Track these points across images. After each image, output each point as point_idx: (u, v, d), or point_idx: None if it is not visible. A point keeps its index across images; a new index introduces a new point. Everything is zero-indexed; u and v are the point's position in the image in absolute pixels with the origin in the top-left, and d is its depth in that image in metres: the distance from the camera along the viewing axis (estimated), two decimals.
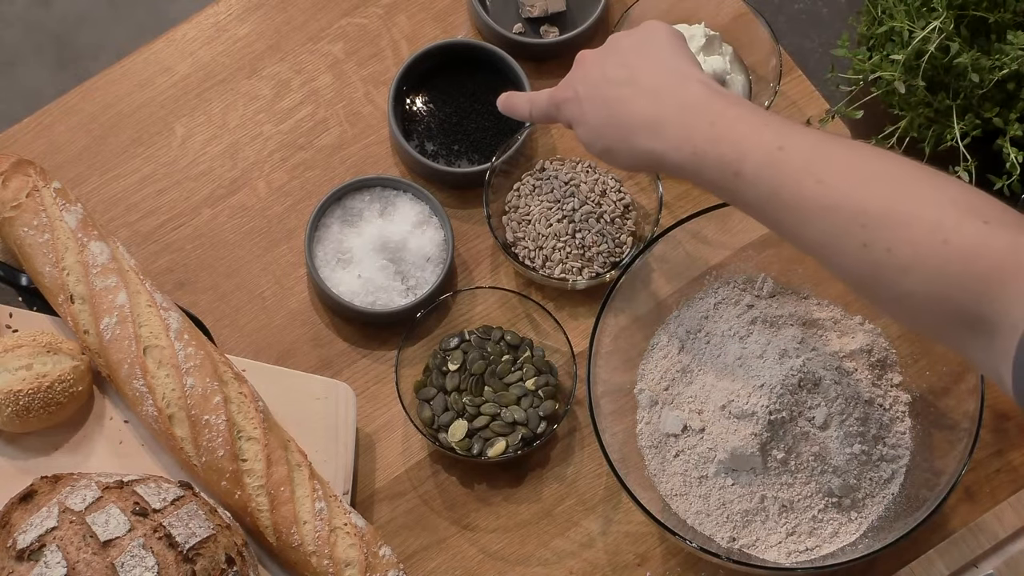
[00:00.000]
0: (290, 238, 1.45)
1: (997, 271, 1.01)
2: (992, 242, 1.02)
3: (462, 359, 1.38)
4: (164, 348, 1.30)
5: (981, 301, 1.02)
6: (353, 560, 1.28)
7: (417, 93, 1.47)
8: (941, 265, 1.03)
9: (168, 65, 1.49)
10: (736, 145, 1.12)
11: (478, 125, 1.45)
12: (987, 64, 1.33)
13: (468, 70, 1.46)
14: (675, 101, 1.17)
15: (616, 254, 1.42)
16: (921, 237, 1.04)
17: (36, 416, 1.30)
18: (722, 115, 1.14)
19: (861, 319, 1.39)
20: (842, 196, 1.07)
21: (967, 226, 1.03)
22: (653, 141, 1.17)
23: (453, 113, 1.46)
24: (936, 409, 1.35)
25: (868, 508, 1.33)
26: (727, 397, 1.32)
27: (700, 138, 1.14)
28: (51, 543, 1.21)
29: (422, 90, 1.47)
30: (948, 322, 1.05)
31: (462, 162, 1.45)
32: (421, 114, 1.46)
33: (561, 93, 1.28)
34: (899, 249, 1.05)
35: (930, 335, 1.11)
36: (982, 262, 1.02)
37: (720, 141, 1.13)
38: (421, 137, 1.46)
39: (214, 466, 1.29)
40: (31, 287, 1.37)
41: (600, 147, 1.23)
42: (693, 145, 1.14)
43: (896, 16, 1.35)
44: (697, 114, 1.15)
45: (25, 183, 1.35)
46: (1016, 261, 1.01)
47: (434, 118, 1.46)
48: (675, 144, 1.16)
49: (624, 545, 1.37)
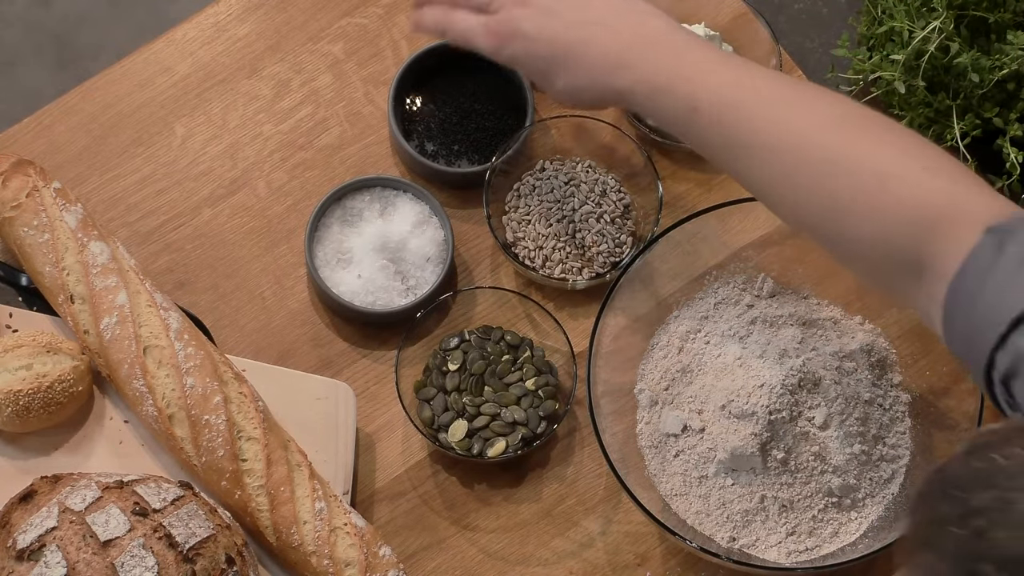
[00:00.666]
0: (290, 238, 1.45)
1: (934, 219, 1.05)
2: (932, 190, 1.06)
3: (462, 359, 1.38)
4: (164, 348, 1.30)
5: (920, 246, 1.06)
6: (353, 560, 1.28)
7: (417, 93, 1.47)
8: (882, 211, 1.07)
9: (168, 65, 1.49)
10: (694, 81, 1.15)
11: (478, 125, 1.45)
12: (987, 64, 1.33)
13: (468, 70, 1.46)
14: (636, 38, 1.18)
15: (616, 254, 1.42)
16: (864, 184, 1.08)
17: (36, 416, 1.30)
18: (682, 51, 1.17)
19: (861, 319, 1.39)
20: (793, 139, 1.11)
21: (909, 174, 1.07)
22: (617, 78, 1.19)
23: (453, 113, 1.46)
24: (936, 409, 1.35)
25: (868, 508, 1.33)
26: (727, 397, 1.32)
27: (662, 74, 1.17)
28: (51, 543, 1.21)
29: (422, 90, 1.47)
30: (889, 266, 1.09)
31: (462, 162, 1.45)
32: (421, 114, 1.46)
33: (504, 27, 1.25)
34: (842, 194, 1.09)
35: (873, 280, 1.16)
36: (922, 209, 1.06)
37: (679, 77, 1.16)
38: (421, 137, 1.46)
39: (214, 466, 1.29)
40: (31, 287, 1.37)
41: (561, 86, 1.23)
42: (654, 81, 1.17)
43: (896, 16, 1.34)
44: (658, 50, 1.18)
45: (25, 183, 1.34)
46: (952, 209, 1.05)
47: (434, 118, 1.46)
48: (638, 78, 1.18)
49: (624, 545, 1.37)
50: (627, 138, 1.43)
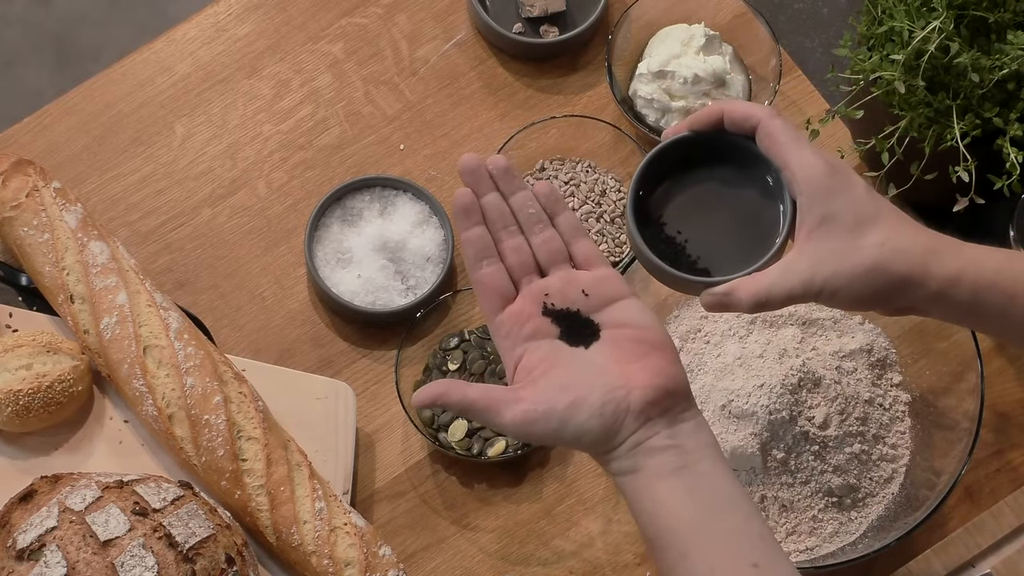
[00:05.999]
0: (290, 238, 1.45)
1: None
2: None
3: (462, 359, 1.38)
4: (164, 348, 1.30)
5: None
6: (353, 560, 1.28)
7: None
8: None
9: (168, 65, 1.49)
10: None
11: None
12: (987, 64, 1.32)
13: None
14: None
15: (616, 254, 1.42)
16: None
17: (36, 416, 1.30)
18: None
19: (861, 319, 1.38)
20: None
21: None
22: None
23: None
24: (936, 408, 1.34)
25: (868, 508, 1.33)
26: (727, 397, 1.32)
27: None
28: (51, 543, 1.21)
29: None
30: None
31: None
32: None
33: None
34: None
35: None
36: None
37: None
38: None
39: (214, 466, 1.28)
40: (31, 287, 1.37)
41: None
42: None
43: (896, 16, 1.34)
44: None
45: (25, 183, 1.34)
46: None
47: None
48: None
49: (624, 545, 1.37)
50: (627, 138, 1.43)
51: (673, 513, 1.03)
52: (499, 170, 1.10)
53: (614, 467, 1.05)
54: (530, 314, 1.08)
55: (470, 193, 1.10)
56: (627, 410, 1.04)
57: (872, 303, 1.09)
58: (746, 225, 1.13)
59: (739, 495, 1.04)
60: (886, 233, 1.07)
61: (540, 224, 1.11)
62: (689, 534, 1.02)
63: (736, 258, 1.11)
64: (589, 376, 1.05)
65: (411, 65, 1.50)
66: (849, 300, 1.07)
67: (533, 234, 1.11)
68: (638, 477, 1.04)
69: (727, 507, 1.03)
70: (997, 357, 1.41)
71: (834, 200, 1.07)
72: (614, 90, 1.45)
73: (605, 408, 1.04)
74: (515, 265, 1.10)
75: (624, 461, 1.04)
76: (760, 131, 1.10)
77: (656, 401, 1.04)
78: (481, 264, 1.09)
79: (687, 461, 1.03)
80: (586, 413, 1.04)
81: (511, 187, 1.11)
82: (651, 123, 1.45)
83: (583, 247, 1.11)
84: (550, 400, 1.04)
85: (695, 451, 1.04)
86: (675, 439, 1.04)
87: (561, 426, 1.04)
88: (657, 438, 1.04)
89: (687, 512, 1.02)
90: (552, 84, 1.50)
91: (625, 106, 1.45)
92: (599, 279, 1.09)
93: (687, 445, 1.04)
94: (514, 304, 1.09)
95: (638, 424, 1.04)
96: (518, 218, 1.11)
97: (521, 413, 1.04)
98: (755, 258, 1.10)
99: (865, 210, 1.07)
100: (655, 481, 1.03)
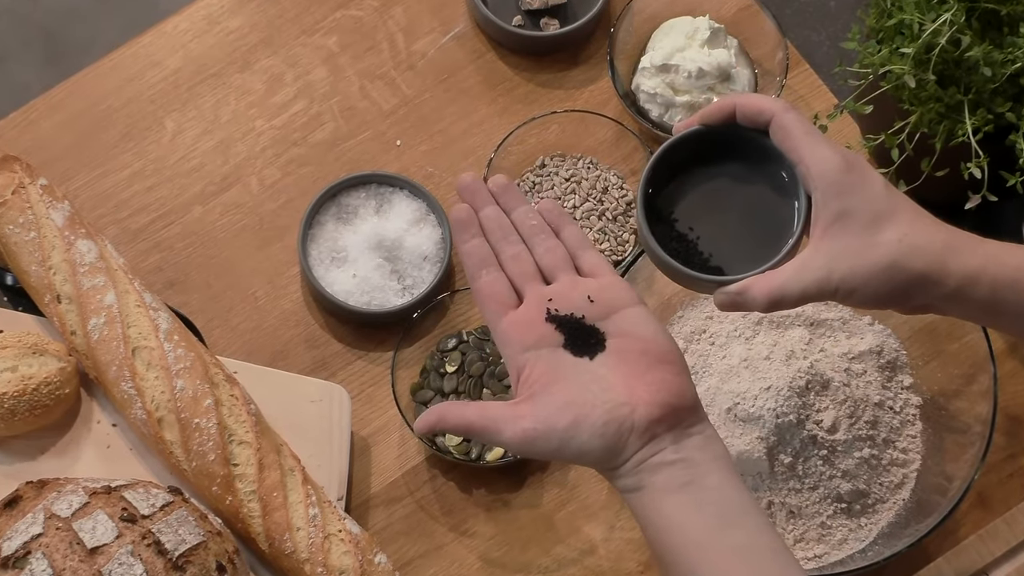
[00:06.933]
0: (283, 236, 1.44)
1: None
2: None
3: (460, 360, 1.37)
4: (153, 349, 1.30)
5: None
6: (348, 568, 1.27)
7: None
8: None
9: (158, 59, 1.49)
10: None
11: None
12: (999, 58, 1.33)
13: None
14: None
15: (618, 252, 1.41)
16: None
17: (22, 419, 1.30)
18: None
19: (870, 319, 1.38)
20: None
21: None
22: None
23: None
24: (947, 412, 1.34)
25: (878, 514, 1.32)
26: (732, 400, 1.32)
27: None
28: (36, 550, 1.20)
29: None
30: None
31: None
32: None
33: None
34: None
35: None
36: None
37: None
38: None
39: (204, 471, 1.28)
40: (16, 286, 1.37)
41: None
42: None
43: (906, 8, 1.35)
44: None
45: (11, 180, 1.34)
46: None
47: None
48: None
49: (627, 552, 1.36)
50: (629, 133, 1.42)
51: (681, 530, 1.01)
52: (499, 187, 1.10)
53: (620, 484, 1.04)
54: (533, 321, 1.06)
55: (468, 208, 1.09)
56: (631, 429, 1.02)
57: (889, 301, 1.07)
58: (759, 221, 1.11)
59: (750, 508, 1.02)
60: (903, 229, 1.06)
61: (543, 235, 1.10)
62: (698, 551, 1.01)
63: (749, 256, 1.10)
64: (592, 393, 1.03)
65: (408, 59, 1.50)
66: (865, 298, 1.06)
67: (536, 244, 1.10)
68: (644, 494, 1.03)
69: (736, 522, 1.02)
70: (1010, 359, 1.41)
71: (850, 196, 1.06)
72: (616, 85, 1.45)
73: (608, 428, 1.02)
74: (516, 273, 1.09)
75: (629, 479, 1.03)
76: (774, 125, 1.09)
77: (661, 419, 1.03)
78: (481, 274, 1.08)
79: (694, 475, 1.02)
80: (587, 432, 1.02)
81: (512, 203, 1.10)
82: (654, 118, 1.45)
83: (589, 258, 1.10)
84: (550, 418, 1.03)
85: (703, 464, 1.03)
86: (681, 453, 1.03)
87: (562, 445, 1.03)
88: (663, 454, 1.03)
89: (695, 528, 1.01)
90: (553, 78, 1.50)
91: (628, 101, 1.46)
92: (605, 286, 1.08)
93: (695, 459, 1.03)
94: (517, 311, 1.08)
95: (642, 442, 1.03)
96: (520, 230, 1.10)
97: (521, 432, 1.03)
98: (769, 256, 1.09)
99: (882, 206, 1.06)
100: (662, 497, 1.02)
